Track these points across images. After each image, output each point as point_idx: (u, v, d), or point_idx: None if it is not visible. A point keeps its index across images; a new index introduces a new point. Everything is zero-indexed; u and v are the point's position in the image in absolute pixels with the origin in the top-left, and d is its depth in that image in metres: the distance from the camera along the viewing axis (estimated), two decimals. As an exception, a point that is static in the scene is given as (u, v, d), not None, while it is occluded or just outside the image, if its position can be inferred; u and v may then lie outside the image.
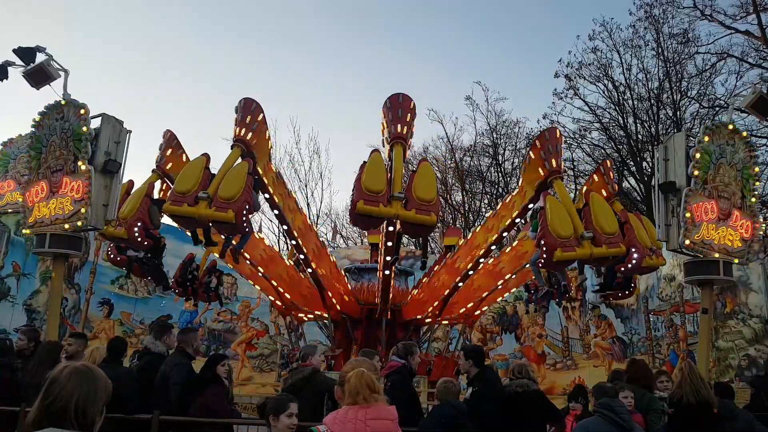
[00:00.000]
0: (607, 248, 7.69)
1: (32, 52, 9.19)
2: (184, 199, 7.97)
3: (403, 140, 8.65)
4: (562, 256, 7.58)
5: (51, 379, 2.15)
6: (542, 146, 8.98)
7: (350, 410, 2.84)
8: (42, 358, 6.38)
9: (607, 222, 7.86)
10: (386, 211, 7.66)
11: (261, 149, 9.30)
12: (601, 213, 7.95)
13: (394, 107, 8.79)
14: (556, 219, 7.79)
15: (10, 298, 15.24)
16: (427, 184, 7.86)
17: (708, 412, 5.50)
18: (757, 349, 14.55)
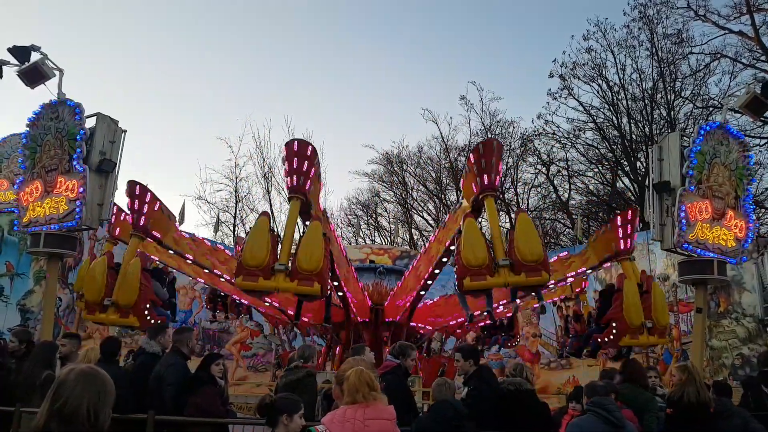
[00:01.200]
0: (526, 277, 7.25)
1: (27, 51, 9.15)
2: (258, 273, 7.27)
3: (495, 192, 8.04)
4: (471, 285, 7.32)
5: (59, 382, 2.13)
6: (476, 160, 8.22)
7: (348, 410, 2.83)
8: (37, 358, 6.34)
9: (530, 248, 7.33)
10: (495, 282, 7.29)
11: (315, 193, 8.49)
12: (523, 238, 7.41)
13: (488, 154, 7.95)
14: (469, 246, 7.41)
15: (4, 298, 15.17)
16: (532, 242, 7.33)
17: (706, 412, 5.55)
18: (750, 348, 14.64)
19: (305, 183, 7.85)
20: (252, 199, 33.04)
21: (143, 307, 8.64)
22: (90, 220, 8.84)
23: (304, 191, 7.86)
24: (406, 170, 36.24)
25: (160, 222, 9.60)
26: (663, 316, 8.69)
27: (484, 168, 7.90)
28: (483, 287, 7.42)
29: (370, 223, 39.21)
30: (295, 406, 3.87)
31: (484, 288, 7.47)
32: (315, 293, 7.32)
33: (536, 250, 7.29)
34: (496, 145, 8.21)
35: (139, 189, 9.24)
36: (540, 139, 29.58)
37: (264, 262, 7.27)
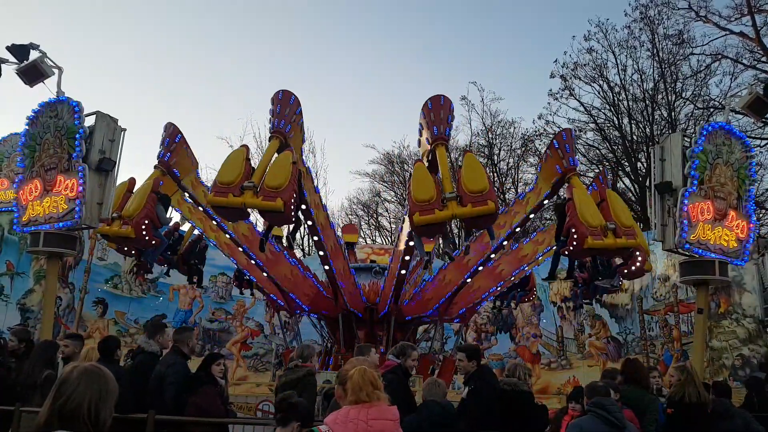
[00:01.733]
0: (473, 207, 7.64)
1: (26, 49, 9.14)
2: (229, 190, 7.76)
3: (445, 141, 8.66)
4: (420, 219, 7.65)
5: (61, 379, 2.13)
6: (560, 145, 9.34)
7: (352, 410, 2.81)
8: (37, 357, 6.33)
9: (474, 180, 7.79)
10: (443, 215, 7.61)
11: (297, 143, 9.26)
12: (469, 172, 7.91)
13: (436, 108, 8.74)
14: (417, 183, 7.88)
15: (4, 297, 15.15)
16: (477, 175, 7.85)
17: (705, 412, 5.54)
18: (750, 349, 14.62)
19: (286, 126, 8.65)
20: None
21: (141, 221, 9.11)
22: (89, 219, 8.82)
23: (283, 132, 8.56)
24: (407, 170, 36.19)
25: (184, 163, 10.31)
26: (624, 215, 8.70)
27: (433, 120, 8.59)
28: (432, 221, 7.72)
29: (371, 223, 39.18)
30: (309, 415, 3.84)
31: (434, 221, 7.76)
32: (277, 208, 7.57)
33: (481, 181, 7.72)
34: (445, 99, 8.86)
35: (173, 129, 10.23)
36: (541, 140, 29.54)
37: (235, 180, 7.77)
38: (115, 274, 17.66)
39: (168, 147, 10.08)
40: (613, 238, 8.27)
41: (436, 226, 7.95)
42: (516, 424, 5.68)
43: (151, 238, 9.50)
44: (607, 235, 8.27)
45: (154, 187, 9.56)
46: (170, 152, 10.08)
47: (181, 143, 10.33)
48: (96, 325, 17.23)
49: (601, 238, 8.22)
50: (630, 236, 8.47)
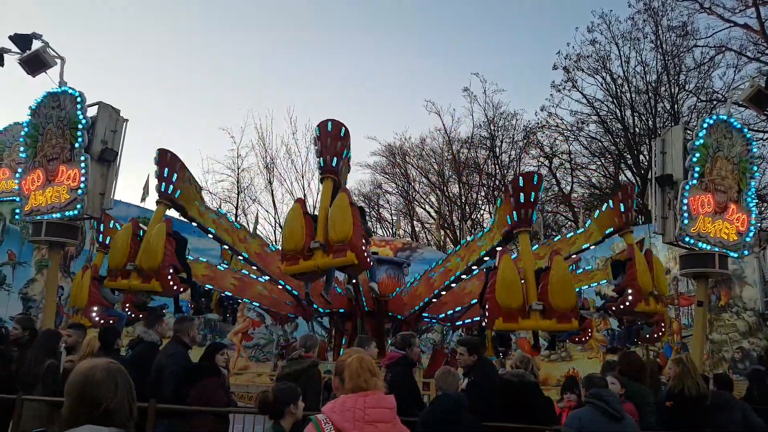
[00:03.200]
0: (558, 323, 7.55)
1: (28, 39, 9.14)
2: (298, 255, 7.44)
3: (333, 174, 7.97)
4: (503, 326, 7.60)
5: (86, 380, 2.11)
6: (514, 193, 8.32)
7: (348, 399, 2.83)
8: (40, 347, 6.36)
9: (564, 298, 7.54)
10: (306, 266, 7.42)
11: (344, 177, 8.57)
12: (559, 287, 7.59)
13: (323, 137, 8.01)
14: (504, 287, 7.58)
15: (6, 287, 15.23)
16: (341, 221, 7.32)
17: (704, 404, 5.57)
18: (750, 342, 14.66)
19: (338, 163, 8.00)
20: (254, 190, 33.08)
21: (166, 272, 8.47)
22: (91, 209, 8.85)
23: (335, 171, 7.96)
24: (408, 162, 36.18)
25: (187, 193, 9.70)
26: (663, 285, 9.08)
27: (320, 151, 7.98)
28: (296, 271, 7.63)
29: (371, 215, 39.19)
30: (296, 393, 3.93)
31: (298, 272, 7.69)
32: (351, 263, 7.27)
33: (344, 229, 7.29)
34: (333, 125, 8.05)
35: (169, 157, 9.30)
36: (543, 132, 29.54)
37: (301, 243, 7.41)
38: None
39: (168, 178, 9.28)
40: (655, 305, 8.56)
41: (305, 274, 7.80)
42: (523, 415, 5.72)
43: (179, 286, 8.92)
44: (651, 302, 8.53)
45: (168, 230, 8.80)
46: (172, 183, 9.31)
47: (182, 171, 9.54)
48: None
49: (649, 303, 8.50)
50: (665, 304, 9.06)
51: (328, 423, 2.77)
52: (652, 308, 8.68)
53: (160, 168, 9.12)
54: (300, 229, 7.49)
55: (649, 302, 8.59)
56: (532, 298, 7.52)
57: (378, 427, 2.79)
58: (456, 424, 4.85)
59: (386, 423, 2.84)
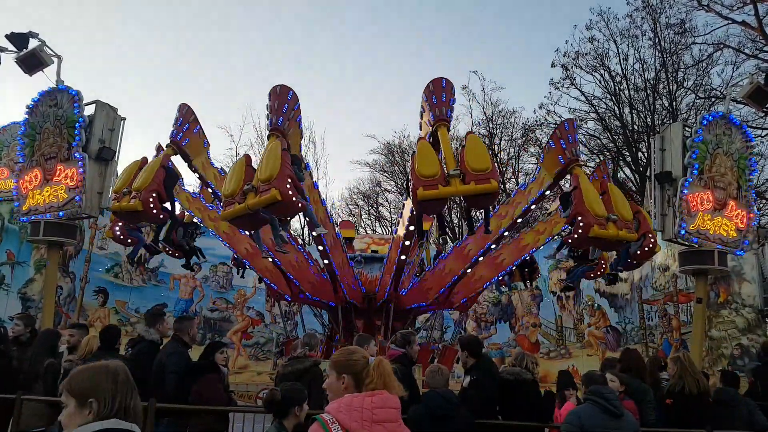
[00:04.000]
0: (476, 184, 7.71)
1: (25, 37, 9.11)
2: (234, 200, 7.79)
3: (447, 122, 8.73)
4: (424, 194, 7.66)
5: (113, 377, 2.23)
6: (563, 135, 9.35)
7: (356, 398, 2.80)
8: (40, 346, 6.36)
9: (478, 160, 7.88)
10: (447, 191, 7.67)
11: (295, 140, 9.16)
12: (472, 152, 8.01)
13: (437, 91, 8.83)
14: (422, 159, 7.90)
15: (5, 287, 15.19)
16: (479, 154, 7.91)
17: (707, 401, 5.56)
18: (749, 339, 14.65)
19: (284, 123, 8.59)
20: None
21: (148, 194, 8.74)
22: (90, 208, 8.85)
23: (282, 130, 8.50)
24: (407, 160, 36.09)
25: (195, 144, 10.30)
26: (625, 209, 8.66)
27: (435, 103, 8.68)
28: (436, 196, 7.73)
29: (371, 213, 39.19)
30: (303, 395, 3.92)
31: (437, 197, 7.78)
32: (274, 199, 7.50)
33: (484, 160, 7.81)
34: (446, 82, 8.98)
35: (186, 110, 10.25)
36: (542, 129, 29.48)
37: (237, 188, 7.84)
38: (115, 264, 17.70)
39: (180, 127, 10.05)
40: (616, 230, 8.29)
41: (439, 201, 7.96)
42: (521, 412, 5.72)
43: (159, 211, 9.22)
44: (609, 227, 8.31)
45: (163, 162, 9.37)
46: (182, 132, 10.03)
47: (194, 124, 10.36)
48: (97, 314, 17.30)
49: (605, 227, 8.26)
50: (629, 230, 8.51)
51: (335, 423, 2.73)
52: (612, 233, 8.39)
53: (177, 117, 9.94)
54: (238, 177, 7.90)
55: (607, 227, 8.38)
56: (451, 166, 7.81)
57: (386, 427, 2.77)
58: (447, 421, 4.85)
59: (393, 423, 2.82)
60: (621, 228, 8.41)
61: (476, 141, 8.49)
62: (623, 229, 8.36)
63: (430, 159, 7.90)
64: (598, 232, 8.28)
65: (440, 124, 8.56)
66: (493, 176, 7.73)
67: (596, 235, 8.08)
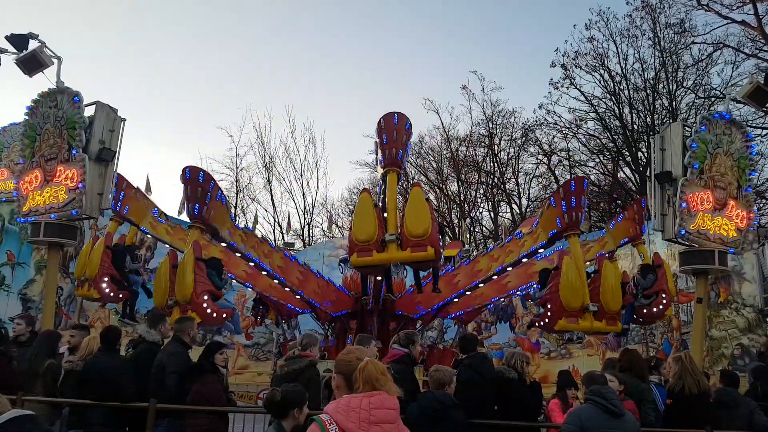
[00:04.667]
0: (411, 252, 7.43)
1: (25, 39, 9.10)
2: (370, 247, 7.42)
3: (397, 167, 8.13)
4: (358, 261, 7.44)
5: None
6: (565, 196, 8.51)
7: (353, 399, 2.81)
8: (40, 346, 6.36)
9: (416, 223, 7.49)
10: (381, 258, 7.40)
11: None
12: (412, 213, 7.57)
13: (389, 128, 8.13)
14: (358, 221, 7.54)
15: (5, 287, 15.19)
16: (419, 217, 7.45)
17: (707, 401, 5.55)
18: (750, 339, 14.65)
19: (402, 155, 8.13)
20: (253, 189, 33.09)
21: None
22: (90, 209, 8.84)
23: (399, 163, 8.06)
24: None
25: (137, 208, 9.98)
26: (613, 299, 8.15)
27: (386, 143, 8.10)
28: (369, 263, 7.52)
29: (370, 214, 39.14)
30: (303, 397, 3.92)
31: (371, 264, 7.56)
32: (430, 258, 7.28)
33: (422, 223, 7.37)
34: (399, 118, 8.25)
35: (119, 179, 9.34)
36: (541, 129, 29.51)
37: (374, 235, 7.37)
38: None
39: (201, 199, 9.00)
40: (591, 322, 7.88)
41: (374, 267, 7.74)
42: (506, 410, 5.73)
43: (116, 293, 9.53)
44: (585, 318, 7.93)
45: (106, 242, 9.68)
46: (205, 205, 9.08)
47: (215, 191, 9.35)
48: (97, 314, 17.28)
49: (576, 321, 7.86)
50: (612, 321, 8.17)
51: (332, 423, 2.75)
52: (583, 326, 7.91)
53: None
54: (372, 221, 7.47)
55: (578, 320, 7.91)
56: (586, 300, 7.62)
57: (383, 428, 2.78)
58: (441, 421, 4.86)
59: (391, 423, 2.83)
60: (601, 318, 8.03)
61: (418, 199, 7.83)
62: (603, 320, 7.96)
63: (366, 221, 7.51)
64: (566, 326, 7.98)
65: (390, 169, 8.05)
66: (431, 242, 7.35)
67: (563, 328, 7.80)
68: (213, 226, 8.90)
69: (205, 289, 7.89)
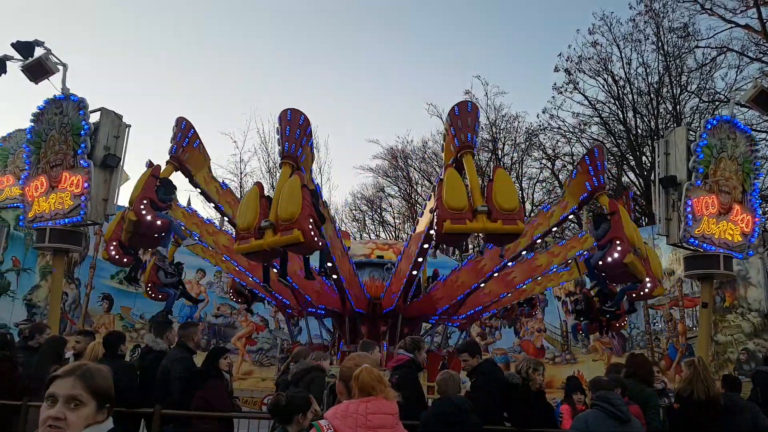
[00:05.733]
0: (503, 224, 7.50)
1: (31, 46, 9.16)
2: (249, 235, 7.59)
3: (472, 149, 8.37)
4: (451, 227, 7.44)
5: None
6: (591, 162, 9.45)
7: (351, 404, 2.83)
8: (46, 352, 6.38)
9: (506, 199, 7.62)
10: (474, 226, 7.52)
11: (307, 164, 8.80)
12: (501, 189, 7.74)
13: (463, 115, 8.42)
14: (451, 191, 7.64)
15: (10, 293, 15.25)
16: (508, 193, 7.74)
17: (716, 408, 5.50)
18: (755, 343, 14.59)
19: (297, 149, 8.26)
20: (256, 194, 33.10)
21: (307, 221, 7.73)
22: (95, 215, 8.87)
23: (295, 157, 8.21)
24: (410, 165, 36.16)
25: (196, 158, 10.13)
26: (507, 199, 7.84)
27: (461, 128, 8.28)
28: (462, 230, 7.60)
29: (374, 219, 39.20)
30: (308, 403, 3.92)
31: (464, 231, 7.65)
32: (296, 240, 7.34)
33: (513, 199, 7.68)
34: (472, 105, 8.59)
35: (185, 124, 9.97)
36: (545, 134, 29.50)
37: (253, 223, 7.56)
38: (120, 270, 17.76)
39: (180, 142, 9.84)
40: (484, 222, 7.69)
41: (462, 235, 7.87)
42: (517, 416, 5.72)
43: (154, 218, 8.87)
44: (477, 219, 7.72)
45: (154, 172, 9.16)
46: (182, 147, 9.85)
47: (194, 138, 10.12)
48: (102, 320, 17.34)
49: (464, 221, 7.68)
50: (510, 220, 7.81)
51: (330, 429, 2.78)
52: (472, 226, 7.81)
53: (176, 133, 9.63)
54: (253, 209, 7.68)
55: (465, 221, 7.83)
56: (477, 202, 7.59)
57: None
58: (457, 426, 4.85)
59: (388, 429, 2.84)
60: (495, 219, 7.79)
61: (505, 177, 8.28)
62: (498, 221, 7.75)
63: (458, 191, 7.65)
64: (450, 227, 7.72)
65: (465, 152, 8.23)
66: (520, 217, 7.60)
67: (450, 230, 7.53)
68: (186, 167, 9.78)
69: (311, 212, 7.89)
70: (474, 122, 8.39)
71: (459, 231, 7.56)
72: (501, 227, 7.51)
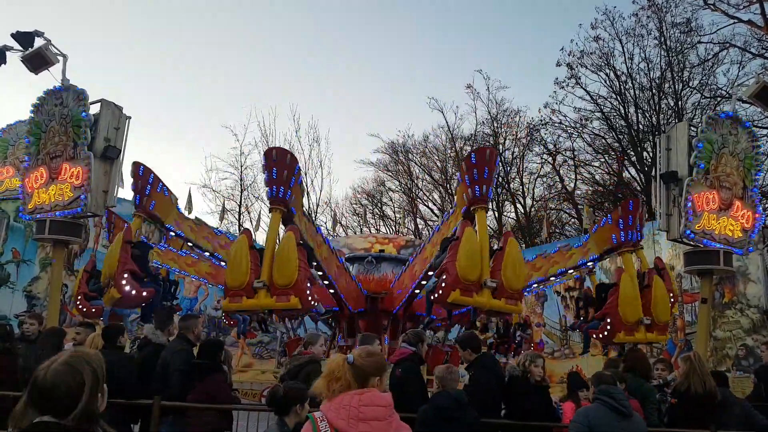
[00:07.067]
0: (506, 303, 7.47)
1: (30, 36, 9.12)
2: (241, 293, 7.44)
3: (486, 204, 8.03)
4: (459, 299, 7.30)
5: None
6: (623, 214, 9.27)
7: (345, 396, 2.86)
8: (45, 344, 6.38)
9: (515, 276, 7.49)
10: (478, 300, 7.34)
11: (298, 203, 8.53)
12: (512, 265, 7.53)
13: (480, 163, 7.85)
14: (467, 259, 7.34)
15: (10, 285, 15.28)
16: (518, 271, 7.58)
17: (712, 402, 5.53)
18: (754, 339, 14.60)
19: (285, 193, 7.84)
20: (257, 188, 33.10)
21: (305, 286, 7.59)
22: (95, 207, 8.86)
23: (284, 201, 7.86)
24: (411, 159, 36.16)
25: (162, 203, 9.96)
26: (663, 312, 8.59)
27: (476, 179, 7.85)
28: (467, 303, 7.50)
29: (375, 213, 39.22)
30: (305, 394, 3.94)
31: (468, 304, 7.56)
32: (294, 307, 7.30)
33: (520, 280, 7.60)
34: (490, 153, 8.12)
35: (143, 171, 9.68)
36: (546, 129, 29.46)
37: (245, 281, 7.38)
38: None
39: (142, 191, 9.70)
40: (644, 333, 8.17)
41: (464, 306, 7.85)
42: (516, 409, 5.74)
43: (138, 291, 8.81)
44: (639, 329, 8.20)
45: (125, 237, 9.03)
46: (145, 196, 9.74)
47: (156, 182, 9.88)
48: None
49: (633, 333, 8.13)
50: (662, 332, 8.54)
51: (323, 420, 2.83)
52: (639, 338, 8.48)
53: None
54: (245, 266, 7.45)
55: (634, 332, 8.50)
56: (486, 274, 7.43)
57: (371, 425, 2.82)
58: (455, 421, 4.85)
59: (380, 421, 2.86)
60: (652, 330, 8.57)
61: (516, 251, 7.74)
62: (654, 332, 8.49)
63: (474, 260, 7.33)
64: (624, 338, 8.45)
65: (479, 207, 7.88)
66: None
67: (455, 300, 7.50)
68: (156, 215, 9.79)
69: (308, 275, 7.76)
70: (491, 173, 7.95)
71: (464, 303, 7.49)
72: (503, 306, 7.48)
